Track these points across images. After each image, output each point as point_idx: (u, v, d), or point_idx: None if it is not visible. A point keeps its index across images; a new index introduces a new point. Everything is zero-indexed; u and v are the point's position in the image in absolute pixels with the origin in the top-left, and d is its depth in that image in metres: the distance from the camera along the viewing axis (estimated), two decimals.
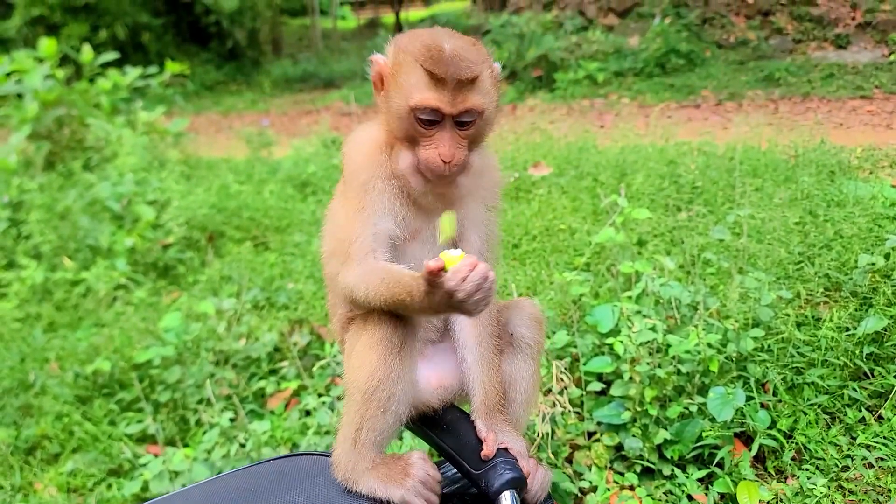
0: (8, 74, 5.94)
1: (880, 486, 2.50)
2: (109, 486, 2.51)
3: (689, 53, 11.67)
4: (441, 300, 1.14)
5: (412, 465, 1.19)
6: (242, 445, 2.41)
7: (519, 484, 1.04)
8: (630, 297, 2.97)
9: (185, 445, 2.71)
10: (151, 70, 6.87)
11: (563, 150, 5.87)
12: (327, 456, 1.19)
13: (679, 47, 11.62)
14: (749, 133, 6.04)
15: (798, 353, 2.86)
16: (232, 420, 2.61)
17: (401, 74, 1.27)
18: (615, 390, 2.68)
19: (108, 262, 4.05)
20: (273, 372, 3.09)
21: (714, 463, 2.53)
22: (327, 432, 2.61)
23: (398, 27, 19.20)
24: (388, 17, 22.71)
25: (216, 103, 13.84)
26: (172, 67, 6.81)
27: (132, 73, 6.51)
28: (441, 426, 1.14)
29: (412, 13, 22.83)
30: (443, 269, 1.13)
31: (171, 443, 2.75)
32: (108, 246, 4.19)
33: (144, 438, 2.80)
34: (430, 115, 1.27)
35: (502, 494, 1.01)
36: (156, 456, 2.54)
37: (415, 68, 1.26)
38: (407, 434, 2.38)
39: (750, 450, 2.56)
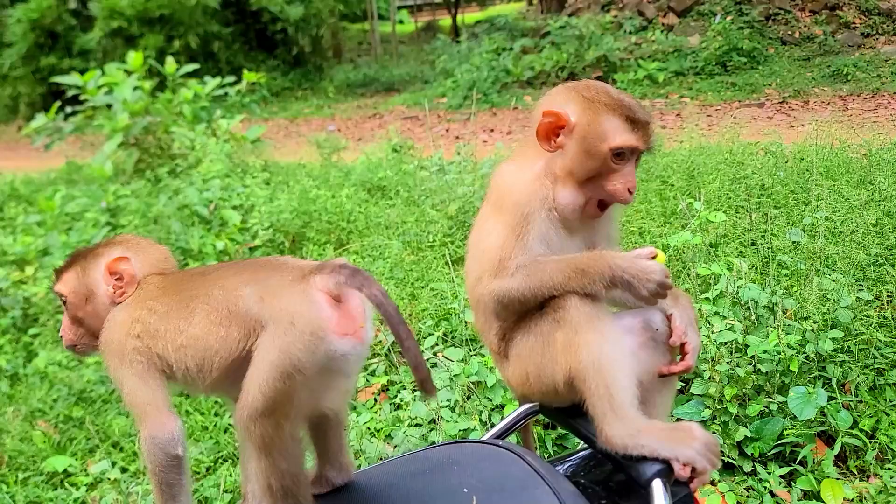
0: (99, 87, 6.32)
1: None
2: (212, 471, 2.71)
3: (751, 51, 11.52)
4: (623, 280, 1.34)
5: (695, 430, 1.27)
6: None
7: (669, 474, 1.11)
8: (708, 299, 3.04)
9: None
10: (228, 79, 7.19)
11: None
12: (490, 444, 1.30)
13: (741, 45, 11.48)
14: (817, 132, 5.98)
15: (879, 354, 2.89)
16: None
17: (596, 122, 1.44)
18: (695, 388, 2.76)
19: (200, 264, 4.30)
20: (362, 368, 3.26)
21: (796, 461, 2.59)
22: (419, 424, 2.76)
23: (455, 30, 19.39)
24: (444, 19, 22.92)
25: (283, 109, 14.26)
26: (249, 77, 7.11)
27: (211, 82, 6.83)
28: (585, 415, 1.24)
29: (468, 15, 22.98)
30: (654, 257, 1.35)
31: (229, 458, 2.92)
32: (199, 248, 4.44)
33: None
34: (628, 153, 1.46)
35: (653, 483, 1.09)
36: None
37: (611, 115, 1.43)
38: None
39: (832, 449, 2.60)
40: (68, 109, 6.91)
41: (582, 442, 1.34)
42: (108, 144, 5.85)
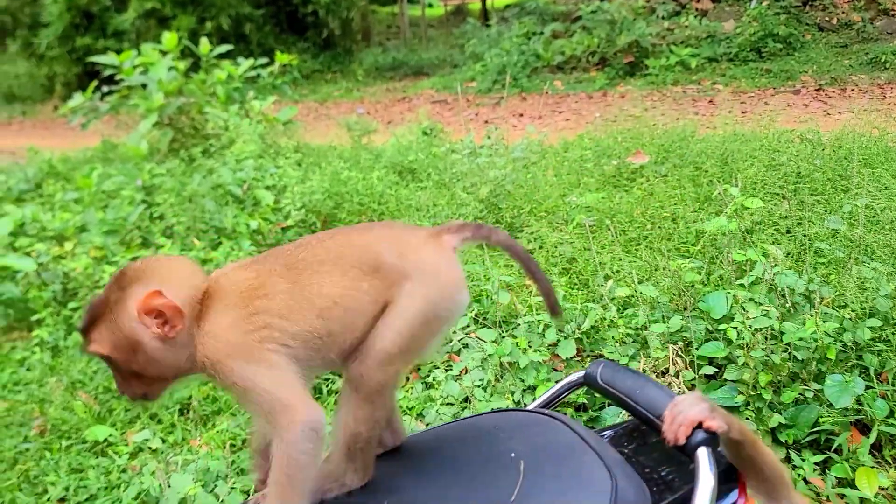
0: (134, 67, 6.38)
1: None
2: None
3: (787, 37, 11.31)
4: None
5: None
6: None
7: (714, 442, 1.12)
8: (743, 285, 3.02)
9: None
10: (261, 61, 7.23)
11: (661, 139, 5.86)
12: (537, 413, 1.32)
13: (777, 31, 11.27)
14: (854, 120, 5.87)
15: None
16: None
17: None
18: (728, 374, 2.75)
19: (234, 243, 4.35)
20: None
21: (831, 449, 2.57)
22: (450, 403, 2.78)
23: (485, 14, 19.25)
24: (474, 3, 22.77)
25: (313, 92, 14.30)
26: (282, 59, 7.14)
27: (244, 63, 6.87)
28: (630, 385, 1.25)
29: (497, 0, 22.81)
30: None
31: None
32: (232, 227, 4.49)
33: None
34: None
35: (699, 451, 1.09)
36: None
37: None
38: None
39: (868, 437, 2.58)
40: (104, 89, 7.01)
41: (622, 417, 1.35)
42: (143, 124, 5.92)
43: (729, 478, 1.21)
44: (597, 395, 2.71)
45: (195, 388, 3.12)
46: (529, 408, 1.38)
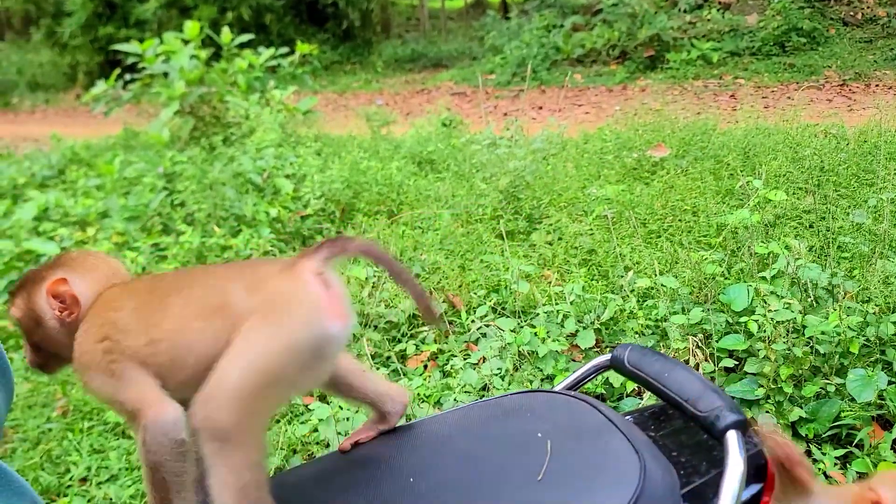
0: (157, 55, 6.43)
1: None
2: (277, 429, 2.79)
3: (811, 31, 11.17)
4: None
5: None
6: None
7: (744, 426, 1.10)
8: (765, 278, 3.00)
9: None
10: (282, 51, 7.25)
11: (682, 132, 5.82)
12: (563, 394, 1.30)
13: (801, 25, 11.14)
14: (879, 115, 5.80)
15: None
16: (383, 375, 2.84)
17: None
18: (749, 367, 2.73)
19: (253, 230, 4.38)
20: (411, 336, 3.30)
21: (852, 444, 2.55)
22: (468, 391, 2.78)
23: (504, 6, 19.17)
24: None
25: (332, 83, 14.33)
26: (302, 48, 7.16)
27: (265, 53, 6.90)
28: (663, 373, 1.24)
29: None
30: None
31: (322, 397, 3.00)
32: (252, 215, 4.52)
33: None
34: None
35: (728, 434, 1.07)
36: (307, 407, 2.80)
37: None
38: None
39: (890, 432, 2.56)
40: (126, 78, 7.06)
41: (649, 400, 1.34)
42: (164, 112, 5.96)
43: (757, 467, 1.20)
44: (615, 383, 2.71)
45: None
46: (555, 389, 1.37)
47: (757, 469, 1.19)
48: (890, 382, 2.64)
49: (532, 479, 1.03)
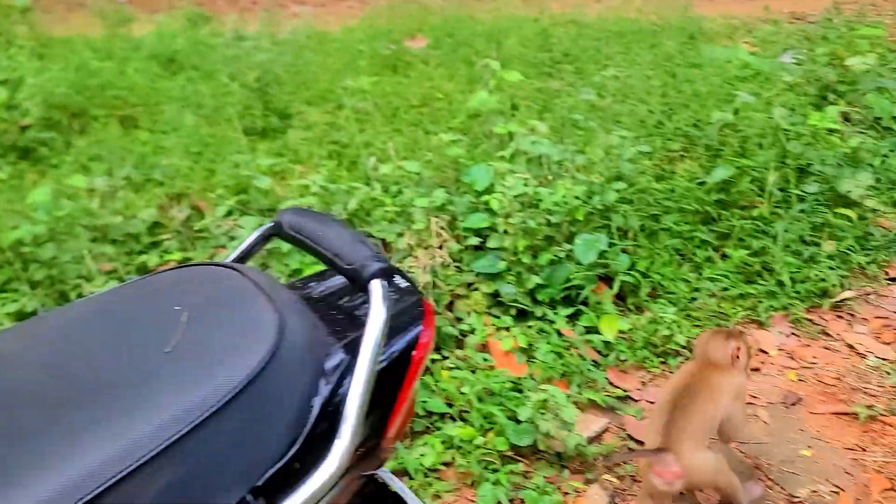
0: None
1: (722, 312, 2.85)
2: None
3: None
4: None
5: None
6: None
7: (389, 274, 1.08)
8: (503, 157, 3.10)
9: None
10: None
11: (440, 23, 5.83)
12: (219, 266, 1.19)
13: None
14: (621, 5, 6.19)
15: (655, 202, 3.12)
16: None
17: None
18: (491, 243, 2.85)
19: None
20: (154, 245, 3.06)
21: (580, 302, 2.78)
22: None
23: None
24: None
25: None
26: None
27: None
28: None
29: None
30: None
31: None
32: None
33: (22, 316, 2.75)
34: None
35: (372, 283, 1.05)
36: None
37: None
38: None
39: (612, 288, 2.82)
40: None
41: None
42: None
43: (414, 313, 1.22)
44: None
45: None
46: (220, 261, 1.29)
47: (415, 316, 1.21)
48: (611, 244, 2.89)
49: (160, 353, 0.96)
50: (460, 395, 2.39)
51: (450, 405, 2.38)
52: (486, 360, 2.54)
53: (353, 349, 1.03)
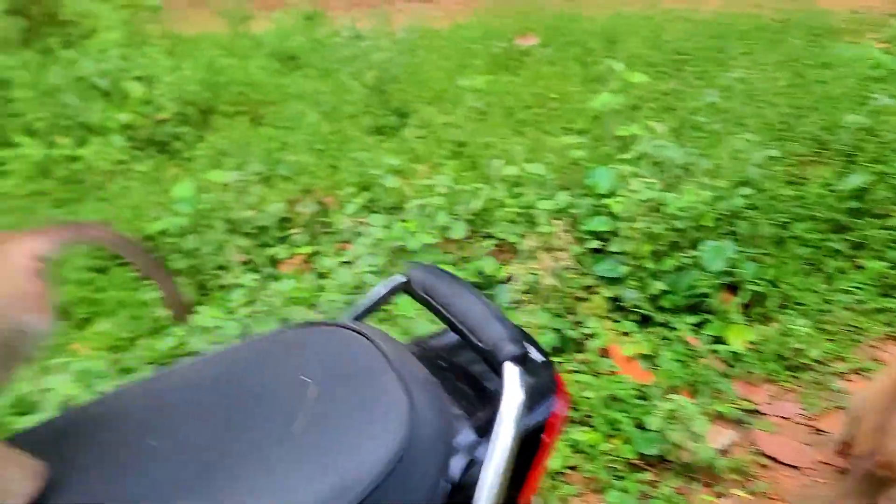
0: None
1: (856, 326, 2.73)
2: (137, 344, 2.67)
3: None
4: None
5: None
6: (268, 304, 2.55)
7: (523, 359, 1.03)
8: (627, 160, 3.08)
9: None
10: None
11: (550, 20, 5.80)
12: (341, 327, 1.16)
13: None
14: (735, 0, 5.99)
15: (785, 209, 3.03)
16: (255, 281, 2.75)
17: None
18: (613, 246, 2.83)
19: (104, 139, 4.05)
20: (282, 239, 3.20)
21: (706, 310, 2.73)
22: (343, 292, 2.75)
23: None
24: None
25: None
26: None
27: None
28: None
29: None
30: None
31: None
32: (101, 123, 4.17)
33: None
34: None
35: (506, 365, 1.01)
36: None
37: None
38: None
39: (738, 297, 2.75)
40: None
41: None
42: None
43: (546, 389, 1.18)
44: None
45: (69, 290, 2.95)
46: (340, 320, 1.23)
47: (548, 389, 1.17)
48: (738, 251, 2.82)
49: (286, 433, 0.94)
50: (584, 400, 2.40)
51: (574, 409, 2.39)
52: (611, 366, 2.54)
53: (484, 429, 1.01)
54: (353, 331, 1.14)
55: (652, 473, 2.19)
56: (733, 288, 2.81)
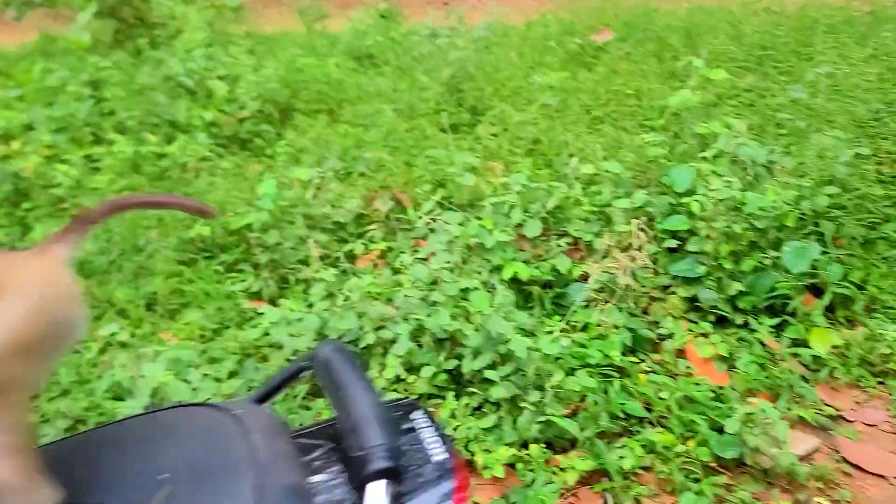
0: None
1: None
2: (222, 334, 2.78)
3: None
4: None
5: None
6: (346, 298, 2.62)
7: (395, 475, 1.01)
8: (706, 158, 3.02)
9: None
10: None
11: (626, 15, 5.70)
12: (222, 411, 1.15)
13: None
14: None
15: (875, 208, 2.91)
16: (333, 276, 2.83)
17: None
18: (691, 246, 2.79)
19: (189, 136, 4.22)
20: (359, 235, 3.27)
21: (786, 312, 2.66)
22: (418, 288, 2.79)
23: None
24: None
25: None
26: None
27: None
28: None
29: None
30: None
31: (272, 300, 2.99)
32: (187, 121, 4.35)
33: (249, 296, 3.05)
34: None
35: (370, 484, 0.99)
36: (257, 312, 2.79)
37: None
38: None
39: (822, 299, 2.67)
40: None
41: None
42: (82, 14, 5.57)
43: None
44: (562, 269, 2.76)
45: (160, 281, 3.10)
46: (237, 400, 1.25)
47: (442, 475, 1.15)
48: (823, 252, 2.73)
49: None
50: (659, 401, 2.38)
51: (648, 409, 2.38)
52: (687, 367, 2.51)
53: None
54: (230, 415, 1.14)
55: (728, 477, 2.16)
56: (816, 290, 2.74)
